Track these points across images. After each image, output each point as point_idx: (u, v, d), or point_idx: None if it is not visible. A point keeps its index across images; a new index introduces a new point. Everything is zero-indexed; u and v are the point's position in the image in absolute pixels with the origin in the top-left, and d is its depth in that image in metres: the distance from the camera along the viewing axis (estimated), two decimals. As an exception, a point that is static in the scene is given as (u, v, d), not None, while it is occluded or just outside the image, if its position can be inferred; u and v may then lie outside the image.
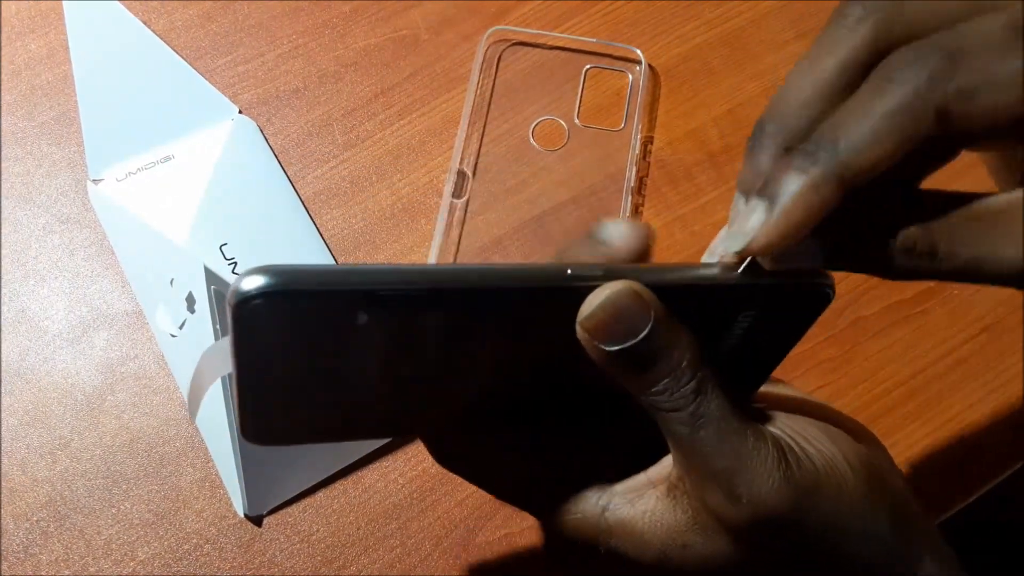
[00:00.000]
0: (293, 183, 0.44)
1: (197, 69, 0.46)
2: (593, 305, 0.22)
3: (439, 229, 0.43)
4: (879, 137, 0.20)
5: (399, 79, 0.47)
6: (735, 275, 0.23)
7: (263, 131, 0.45)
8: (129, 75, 0.45)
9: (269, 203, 0.43)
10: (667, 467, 0.25)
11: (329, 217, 0.44)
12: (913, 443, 0.41)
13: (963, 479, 0.41)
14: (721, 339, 0.25)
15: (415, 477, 0.40)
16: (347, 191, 0.44)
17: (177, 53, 0.46)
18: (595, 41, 0.47)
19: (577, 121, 0.46)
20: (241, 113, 0.45)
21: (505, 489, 0.27)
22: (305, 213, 0.43)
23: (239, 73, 0.46)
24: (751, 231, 0.21)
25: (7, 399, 0.40)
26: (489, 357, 0.23)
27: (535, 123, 0.46)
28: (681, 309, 0.22)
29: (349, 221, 0.44)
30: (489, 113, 0.46)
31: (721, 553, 0.24)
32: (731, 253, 0.22)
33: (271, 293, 0.19)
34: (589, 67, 0.47)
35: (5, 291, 0.41)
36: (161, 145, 0.44)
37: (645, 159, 0.46)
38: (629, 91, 0.47)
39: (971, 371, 0.42)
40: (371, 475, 0.40)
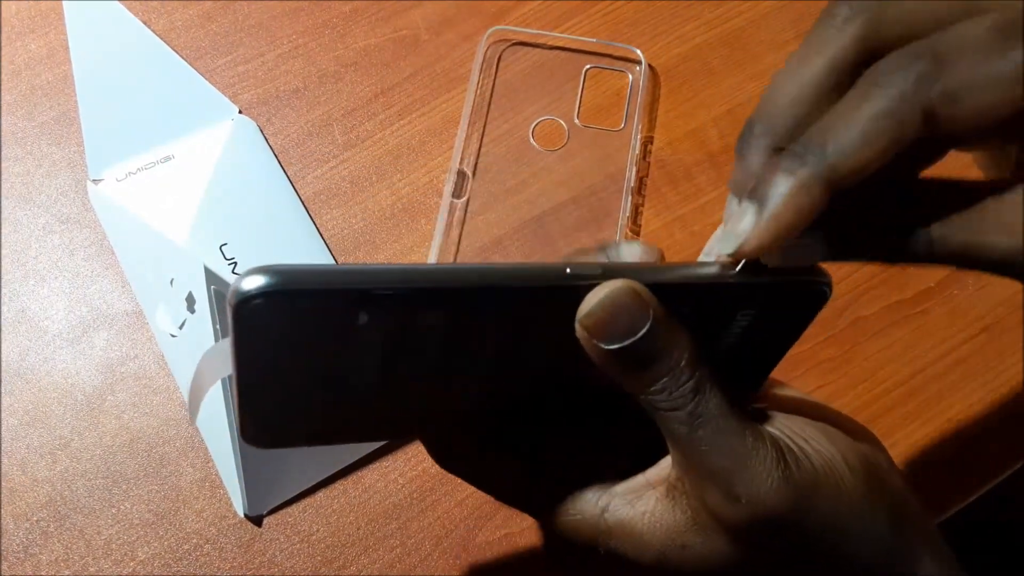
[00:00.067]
0: (293, 183, 0.44)
1: (197, 69, 0.46)
2: (592, 303, 0.22)
3: (439, 229, 0.43)
4: (867, 140, 0.20)
5: (399, 79, 0.47)
6: (733, 274, 0.23)
7: (263, 131, 0.45)
8: (129, 75, 0.45)
9: (269, 203, 0.43)
10: (666, 468, 0.25)
11: (329, 217, 0.44)
12: (913, 443, 0.41)
13: (963, 479, 0.41)
14: (719, 338, 0.25)
15: (415, 477, 0.40)
16: (347, 191, 0.44)
17: (177, 53, 0.46)
18: (595, 41, 0.47)
19: (577, 121, 0.46)
20: (241, 113, 0.45)
21: (505, 490, 0.27)
22: (305, 213, 0.44)
23: (239, 73, 0.46)
24: (743, 233, 0.21)
25: (7, 399, 0.40)
26: (489, 357, 0.23)
27: (535, 123, 0.46)
28: (680, 308, 0.22)
29: (349, 221, 0.44)
30: (489, 113, 0.46)
31: (720, 553, 0.24)
32: (724, 255, 0.22)
33: (271, 293, 0.19)
34: (589, 67, 0.47)
35: (5, 291, 0.41)
36: (161, 145, 0.44)
37: (645, 159, 0.46)
38: (629, 91, 0.47)
39: (971, 371, 0.42)
40: (371, 475, 0.40)
